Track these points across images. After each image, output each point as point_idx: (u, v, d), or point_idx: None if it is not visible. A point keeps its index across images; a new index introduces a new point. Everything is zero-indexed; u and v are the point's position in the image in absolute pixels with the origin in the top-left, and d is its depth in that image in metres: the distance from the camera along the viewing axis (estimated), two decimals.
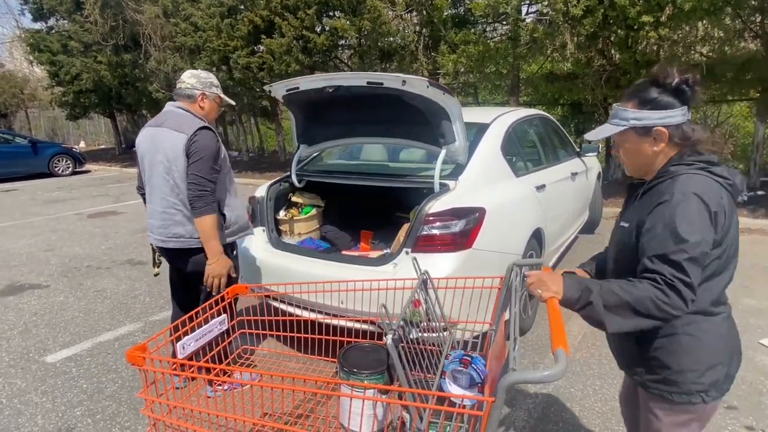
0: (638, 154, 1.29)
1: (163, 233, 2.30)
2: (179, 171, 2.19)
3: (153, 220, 2.34)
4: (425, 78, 2.37)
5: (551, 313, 1.08)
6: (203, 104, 2.33)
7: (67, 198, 9.26)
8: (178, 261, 2.39)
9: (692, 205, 1.14)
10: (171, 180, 2.22)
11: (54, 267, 4.89)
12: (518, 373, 0.87)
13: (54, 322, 3.55)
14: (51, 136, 21.58)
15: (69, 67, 13.39)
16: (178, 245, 2.29)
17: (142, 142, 2.33)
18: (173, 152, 2.19)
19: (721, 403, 2.37)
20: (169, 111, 2.31)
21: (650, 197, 1.25)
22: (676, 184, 1.19)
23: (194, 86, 2.30)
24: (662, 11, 5.25)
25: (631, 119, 1.25)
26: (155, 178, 2.28)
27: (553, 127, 4.43)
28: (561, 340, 0.94)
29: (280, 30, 9.02)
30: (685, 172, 1.21)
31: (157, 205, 2.30)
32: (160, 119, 2.30)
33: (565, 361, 0.88)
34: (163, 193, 2.26)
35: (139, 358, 1.31)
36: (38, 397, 2.59)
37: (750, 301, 3.57)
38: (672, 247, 1.12)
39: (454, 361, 1.18)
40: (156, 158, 2.25)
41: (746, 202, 6.16)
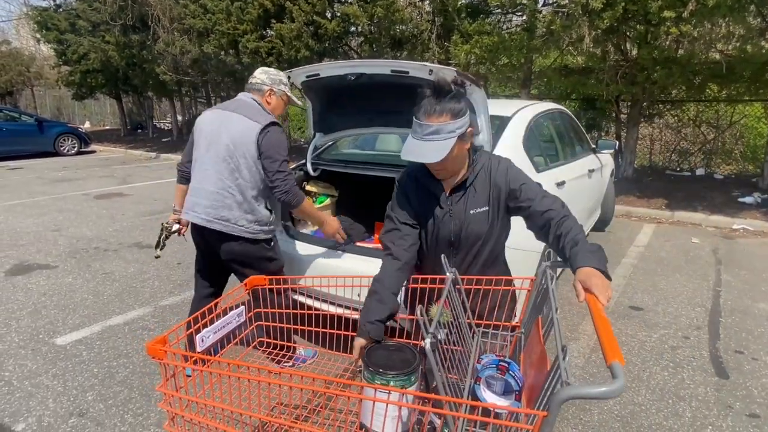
0: (460, 156, 1.52)
1: (210, 213, 2.28)
2: (245, 157, 2.24)
3: (199, 198, 2.31)
4: (453, 68, 2.30)
5: (599, 321, 1.03)
6: (270, 100, 2.42)
7: (73, 178, 9.22)
8: (217, 244, 2.35)
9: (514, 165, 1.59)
10: (232, 164, 2.25)
11: (62, 247, 4.87)
12: (575, 388, 0.82)
13: (63, 304, 3.53)
14: (56, 115, 21.49)
15: (76, 46, 13.24)
16: (222, 228, 2.28)
17: (207, 122, 2.36)
18: (243, 138, 2.23)
19: (743, 411, 2.35)
20: (240, 99, 2.39)
21: (481, 184, 1.58)
22: (492, 163, 1.58)
23: (264, 82, 2.40)
24: (685, 7, 5.12)
25: (456, 130, 1.42)
26: (213, 158, 2.28)
27: (571, 122, 4.36)
28: (615, 353, 0.90)
29: (290, 14, 8.87)
30: (486, 157, 1.60)
31: (210, 184, 2.28)
32: (231, 105, 2.37)
33: (623, 375, 0.84)
34: (220, 174, 2.26)
35: (160, 351, 1.28)
36: (49, 380, 2.58)
37: (766, 307, 3.53)
38: (540, 189, 1.55)
39: (489, 366, 1.14)
40: (220, 139, 2.27)
41: (759, 204, 6.09)
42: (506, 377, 1.10)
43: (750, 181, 7.33)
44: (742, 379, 2.63)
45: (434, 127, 1.40)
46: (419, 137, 1.44)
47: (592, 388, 0.82)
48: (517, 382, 1.10)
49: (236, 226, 2.29)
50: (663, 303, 3.61)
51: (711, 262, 4.54)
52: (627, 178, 7.45)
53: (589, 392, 0.82)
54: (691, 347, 2.98)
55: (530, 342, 1.28)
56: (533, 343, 1.23)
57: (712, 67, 6.15)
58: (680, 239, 5.30)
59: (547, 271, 1.36)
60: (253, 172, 2.27)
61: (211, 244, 2.39)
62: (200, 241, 2.45)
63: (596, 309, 1.08)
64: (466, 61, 7.29)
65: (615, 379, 0.83)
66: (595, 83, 6.75)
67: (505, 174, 1.55)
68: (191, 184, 2.39)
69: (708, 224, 5.85)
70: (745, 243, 5.16)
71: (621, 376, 0.83)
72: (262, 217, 2.36)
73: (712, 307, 3.54)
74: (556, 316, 1.12)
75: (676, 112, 8.70)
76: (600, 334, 0.97)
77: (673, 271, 4.28)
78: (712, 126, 8.63)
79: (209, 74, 11.61)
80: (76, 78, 14.42)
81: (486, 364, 1.15)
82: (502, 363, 1.13)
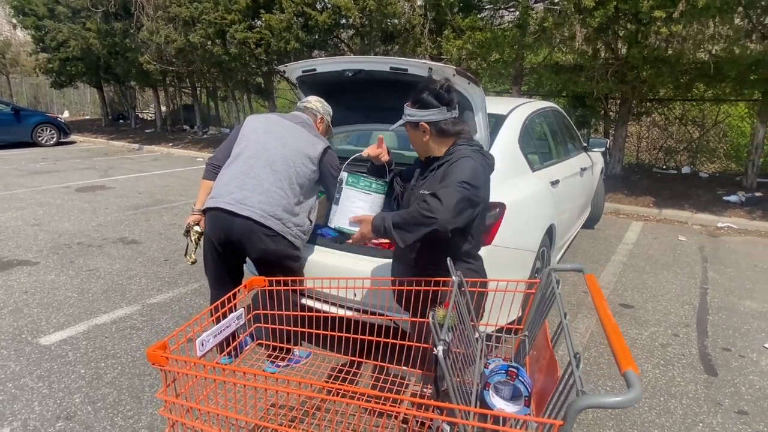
0: (415, 142, 1.80)
1: (266, 210, 2.27)
2: (305, 167, 2.35)
3: (252, 193, 2.27)
4: (452, 66, 2.27)
5: (609, 328, 1.02)
6: (319, 126, 2.57)
7: (52, 170, 8.97)
8: (253, 240, 2.29)
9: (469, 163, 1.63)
10: (293, 169, 2.33)
11: (43, 243, 4.72)
12: (591, 397, 0.81)
13: (46, 302, 3.43)
14: (33, 104, 20.83)
15: (55, 32, 12.83)
16: (274, 226, 2.28)
17: (264, 122, 2.45)
18: (308, 150, 2.37)
19: (732, 408, 2.39)
20: (301, 117, 2.52)
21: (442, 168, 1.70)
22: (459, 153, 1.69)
23: (317, 109, 2.57)
24: (675, 7, 5.17)
25: (406, 116, 1.74)
26: (272, 158, 2.32)
27: (563, 120, 4.37)
28: (628, 361, 0.89)
29: (280, 5, 8.72)
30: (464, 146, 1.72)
31: (268, 182, 2.29)
32: (293, 117, 2.50)
33: (639, 383, 0.83)
34: (278, 174, 2.31)
35: (162, 358, 1.23)
36: (34, 382, 2.50)
37: (752, 304, 3.60)
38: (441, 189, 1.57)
39: (498, 372, 1.12)
40: (283, 144, 2.35)
41: (744, 203, 6.22)
42: (516, 383, 1.09)
43: (734, 179, 7.49)
44: (730, 377, 2.68)
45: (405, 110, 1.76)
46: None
47: (609, 397, 0.80)
48: (526, 388, 1.09)
49: (284, 227, 2.32)
50: (652, 301, 3.66)
51: (697, 259, 4.62)
52: (615, 176, 7.53)
53: (607, 402, 0.80)
54: (681, 345, 3.02)
55: (537, 346, 1.27)
56: (541, 348, 1.21)
57: (700, 67, 6.24)
58: (667, 237, 5.38)
59: (552, 276, 1.35)
60: (306, 182, 2.38)
61: (241, 240, 2.30)
62: (224, 237, 2.33)
63: (606, 315, 1.06)
64: (458, 56, 7.26)
65: (631, 388, 0.82)
66: (586, 81, 6.80)
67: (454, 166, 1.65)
68: (229, 177, 2.35)
69: (694, 222, 5.96)
70: (730, 241, 5.27)
71: (637, 385, 0.82)
72: (305, 226, 2.42)
73: (700, 304, 3.60)
74: (566, 322, 1.11)
75: (663, 110, 8.83)
76: (612, 342, 0.96)
77: (662, 268, 4.35)
78: (697, 125, 8.78)
79: (195, 64, 11.36)
80: (54, 66, 14.00)
81: (495, 370, 1.14)
82: (511, 368, 1.11)
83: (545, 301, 1.32)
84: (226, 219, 2.28)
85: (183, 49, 10.54)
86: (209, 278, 2.57)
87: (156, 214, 5.87)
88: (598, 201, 5.31)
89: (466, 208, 1.56)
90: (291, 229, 2.34)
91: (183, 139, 13.02)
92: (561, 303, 1.16)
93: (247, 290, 1.72)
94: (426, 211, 1.51)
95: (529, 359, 1.27)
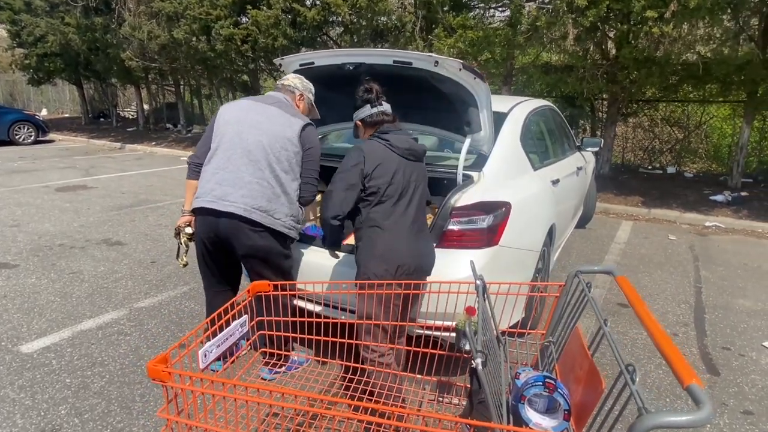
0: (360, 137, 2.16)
1: (249, 203, 2.14)
2: (286, 150, 2.21)
3: (232, 188, 2.16)
4: (459, 60, 2.20)
5: (662, 340, 0.95)
6: (299, 104, 2.43)
7: (31, 169, 8.64)
8: (239, 237, 2.18)
9: (348, 155, 1.99)
10: (273, 155, 2.19)
11: (22, 245, 4.51)
12: (659, 416, 0.74)
13: (27, 307, 3.25)
14: (9, 101, 20.16)
15: (32, 27, 12.38)
16: (260, 219, 2.15)
17: (236, 111, 2.29)
18: (286, 132, 2.22)
19: (737, 408, 2.38)
20: (276, 97, 2.36)
21: None
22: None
23: (296, 86, 2.42)
24: (667, 7, 5.20)
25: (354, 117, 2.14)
26: (248, 148, 2.19)
27: (560, 119, 4.35)
28: (689, 373, 0.82)
29: (267, 1, 8.56)
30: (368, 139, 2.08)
31: (247, 174, 2.16)
32: (266, 99, 2.34)
33: (708, 398, 0.76)
34: (258, 164, 2.18)
35: (163, 374, 1.13)
36: (15, 393, 2.35)
37: (746, 303, 3.63)
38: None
39: (535, 384, 1.05)
40: (259, 129, 2.21)
41: (730, 202, 6.31)
42: (555, 396, 1.02)
43: (718, 179, 7.61)
44: (732, 376, 2.67)
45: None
46: None
47: (680, 416, 0.74)
48: (566, 401, 1.02)
49: (273, 219, 2.18)
50: (649, 300, 3.65)
51: (689, 258, 4.65)
52: (604, 176, 7.58)
53: (678, 421, 0.74)
54: (681, 344, 3.01)
55: (569, 353, 1.20)
56: (576, 356, 1.15)
57: (688, 68, 6.31)
58: (658, 236, 5.42)
59: (581, 278, 1.29)
60: (293, 164, 2.24)
61: (228, 238, 2.20)
62: (213, 235, 2.24)
63: (653, 324, 1.00)
64: (449, 55, 7.21)
65: (701, 405, 0.75)
66: (575, 81, 6.82)
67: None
68: (210, 173, 2.23)
69: (682, 221, 6.02)
70: (718, 240, 5.33)
71: (706, 401, 0.76)
72: (298, 213, 2.31)
73: (696, 303, 3.61)
74: (607, 329, 1.04)
75: (650, 111, 8.94)
76: (666, 355, 0.89)
77: (655, 267, 4.36)
78: (681, 126, 8.91)
79: (179, 61, 11.09)
80: (31, 62, 13.54)
81: (529, 381, 1.06)
82: (549, 380, 1.04)
83: (574, 306, 1.26)
84: (211, 218, 2.20)
85: (166, 46, 10.28)
86: (204, 281, 2.46)
87: (141, 215, 5.68)
88: (590, 200, 5.32)
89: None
90: (281, 220, 2.21)
91: (166, 138, 12.72)
92: (597, 308, 1.09)
93: (250, 295, 1.62)
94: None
95: (560, 368, 1.20)
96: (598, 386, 0.96)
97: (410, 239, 1.95)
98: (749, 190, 6.77)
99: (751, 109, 6.47)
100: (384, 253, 1.89)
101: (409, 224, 1.97)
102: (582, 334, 1.15)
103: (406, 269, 1.90)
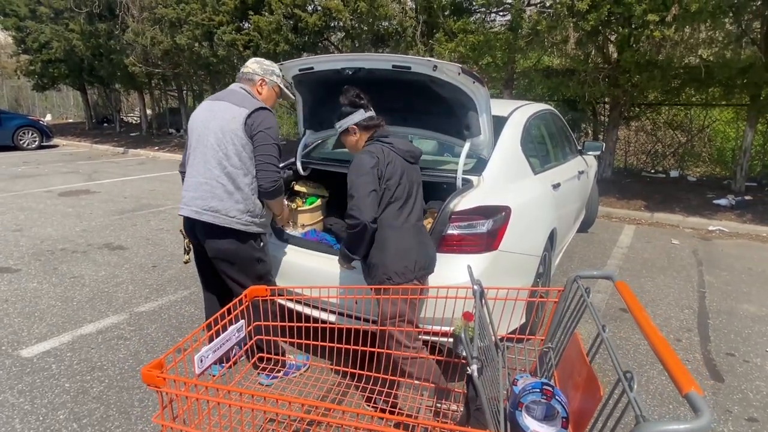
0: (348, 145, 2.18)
1: (199, 204, 2.15)
2: (234, 143, 2.14)
3: (190, 192, 2.20)
4: (457, 64, 2.20)
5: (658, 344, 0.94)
6: (261, 90, 2.35)
7: (34, 174, 8.69)
8: (206, 238, 2.21)
9: (361, 158, 1.98)
10: (221, 152, 2.15)
11: (24, 249, 4.52)
12: (657, 424, 0.73)
13: (28, 311, 3.25)
14: (14, 107, 20.30)
15: (37, 34, 12.49)
16: (211, 220, 2.14)
17: (198, 115, 2.28)
18: (231, 124, 2.14)
19: (742, 415, 2.35)
20: (230, 89, 2.32)
21: None
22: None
23: (255, 71, 2.34)
24: (668, 11, 5.20)
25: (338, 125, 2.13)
26: (202, 148, 2.20)
27: (561, 123, 4.34)
28: (688, 380, 0.81)
29: (269, 6, 8.60)
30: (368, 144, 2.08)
31: (200, 175, 2.17)
32: (220, 95, 2.30)
33: (707, 406, 0.75)
34: (208, 164, 2.16)
35: (158, 379, 1.12)
36: (14, 398, 2.34)
37: (750, 308, 3.59)
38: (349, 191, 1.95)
39: (532, 391, 1.04)
40: (209, 128, 2.18)
41: (733, 206, 6.27)
42: (553, 403, 1.00)
43: (722, 183, 7.57)
44: (736, 382, 2.64)
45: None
46: None
47: (677, 424, 0.72)
48: (564, 408, 1.01)
49: (227, 218, 2.14)
50: (652, 305, 3.62)
51: (692, 263, 4.62)
52: (606, 180, 7.56)
53: (675, 430, 0.72)
54: (684, 350, 2.98)
55: (568, 360, 1.19)
56: (573, 362, 1.13)
57: (690, 72, 6.29)
58: (661, 240, 5.38)
59: (580, 283, 1.27)
60: (243, 158, 2.16)
61: (200, 242, 2.25)
62: (192, 238, 2.31)
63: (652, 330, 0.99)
64: (449, 59, 7.22)
65: (699, 413, 0.74)
66: (577, 85, 6.81)
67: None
68: (185, 180, 2.27)
69: (685, 226, 5.99)
70: (722, 244, 5.29)
71: (705, 409, 0.74)
72: (255, 208, 2.23)
73: (699, 308, 3.58)
74: (605, 335, 1.03)
75: (652, 115, 8.91)
76: (665, 362, 0.88)
77: (658, 272, 4.33)
78: (683, 130, 8.88)
79: (181, 66, 11.16)
80: (36, 68, 13.65)
81: (527, 387, 1.05)
82: (546, 387, 1.02)
83: (573, 311, 1.24)
84: (186, 222, 2.27)
85: (169, 51, 10.35)
86: (201, 283, 2.52)
87: (143, 219, 5.69)
88: (592, 204, 5.30)
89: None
90: (236, 217, 2.15)
91: (169, 143, 12.77)
92: (596, 314, 1.08)
93: (247, 300, 1.62)
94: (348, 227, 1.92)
95: (558, 374, 1.19)
96: (596, 393, 0.94)
97: (418, 236, 2.04)
98: (753, 194, 6.73)
99: (755, 113, 6.45)
100: (400, 251, 1.96)
101: (415, 222, 2.06)
102: (581, 340, 1.13)
103: (422, 264, 2.00)
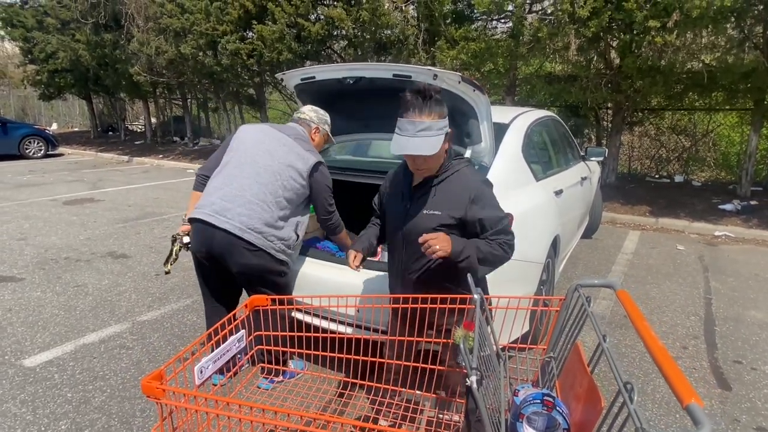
0: (441, 154, 1.65)
1: (245, 222, 2.17)
2: (293, 180, 2.26)
3: (234, 205, 2.19)
4: (457, 73, 2.20)
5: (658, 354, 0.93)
6: (315, 137, 2.50)
7: (40, 182, 8.76)
8: (233, 255, 2.20)
9: (491, 190, 1.72)
10: (279, 182, 2.24)
11: (28, 258, 4.55)
12: None
13: (31, 320, 3.26)
14: (21, 116, 20.53)
15: (44, 44, 12.67)
16: (253, 239, 2.17)
17: (252, 134, 2.36)
18: (296, 164, 2.27)
19: (750, 425, 2.31)
20: (295, 127, 2.44)
21: (448, 188, 1.68)
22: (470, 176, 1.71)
23: (312, 119, 2.49)
24: (669, 17, 5.20)
25: (444, 127, 1.59)
26: (256, 167, 2.25)
27: (563, 129, 4.33)
28: (688, 391, 0.80)
29: (272, 16, 8.67)
30: (464, 165, 1.74)
31: (251, 194, 2.20)
32: (285, 129, 2.41)
33: (707, 418, 0.74)
34: (264, 187, 2.22)
35: (158, 390, 1.12)
36: (17, 407, 2.34)
37: (757, 314, 3.55)
38: (504, 222, 1.67)
39: (533, 402, 1.03)
40: (273, 155, 2.27)
41: (739, 211, 6.23)
42: (554, 414, 0.99)
43: (727, 188, 7.52)
44: (744, 391, 2.60)
45: (426, 124, 1.55)
46: (410, 134, 1.56)
47: None
48: (565, 420, 0.99)
49: (266, 241, 2.21)
50: (658, 312, 3.59)
51: (698, 269, 4.58)
52: (610, 185, 7.53)
53: None
54: (691, 358, 2.95)
55: (569, 370, 1.17)
56: (575, 373, 1.12)
57: (693, 77, 6.28)
58: (666, 246, 5.35)
59: (581, 292, 1.26)
60: (297, 197, 2.30)
61: (222, 254, 2.21)
62: (205, 251, 2.25)
63: (652, 340, 0.98)
64: (451, 66, 7.25)
65: (700, 426, 0.73)
66: (579, 91, 6.81)
67: (477, 194, 1.66)
68: (214, 187, 2.28)
69: (691, 231, 5.95)
70: (728, 250, 5.25)
71: (705, 421, 0.73)
72: (290, 240, 2.30)
73: (706, 315, 3.54)
74: (606, 345, 1.02)
75: (656, 120, 8.89)
76: (666, 373, 0.87)
77: (664, 278, 4.29)
78: (688, 134, 8.85)
79: (186, 76, 11.26)
80: (43, 77, 13.82)
81: (527, 398, 1.04)
82: (547, 398, 1.01)
83: (574, 321, 1.23)
84: (206, 231, 2.21)
85: (174, 61, 10.45)
86: (202, 293, 2.50)
87: (146, 227, 5.72)
88: (596, 210, 5.27)
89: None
90: (273, 243, 2.23)
91: (173, 151, 12.86)
92: (596, 324, 1.07)
93: (248, 310, 1.61)
94: (509, 248, 1.66)
95: (560, 384, 1.18)
96: (597, 404, 0.93)
97: None
98: (759, 199, 6.68)
99: (759, 117, 6.42)
100: None
101: None
102: (582, 350, 1.12)
103: None
